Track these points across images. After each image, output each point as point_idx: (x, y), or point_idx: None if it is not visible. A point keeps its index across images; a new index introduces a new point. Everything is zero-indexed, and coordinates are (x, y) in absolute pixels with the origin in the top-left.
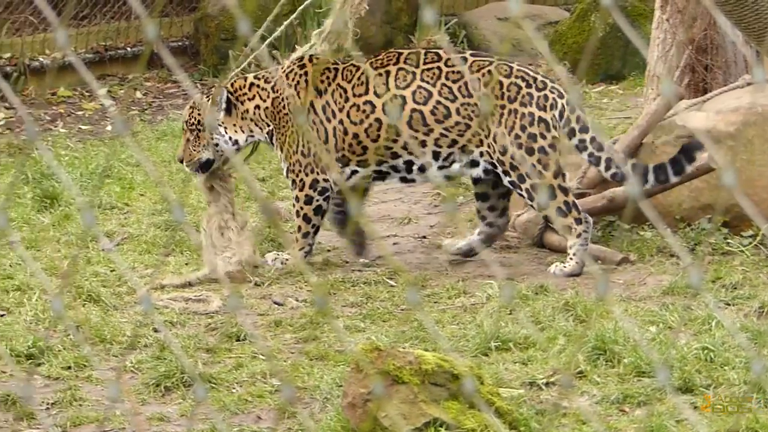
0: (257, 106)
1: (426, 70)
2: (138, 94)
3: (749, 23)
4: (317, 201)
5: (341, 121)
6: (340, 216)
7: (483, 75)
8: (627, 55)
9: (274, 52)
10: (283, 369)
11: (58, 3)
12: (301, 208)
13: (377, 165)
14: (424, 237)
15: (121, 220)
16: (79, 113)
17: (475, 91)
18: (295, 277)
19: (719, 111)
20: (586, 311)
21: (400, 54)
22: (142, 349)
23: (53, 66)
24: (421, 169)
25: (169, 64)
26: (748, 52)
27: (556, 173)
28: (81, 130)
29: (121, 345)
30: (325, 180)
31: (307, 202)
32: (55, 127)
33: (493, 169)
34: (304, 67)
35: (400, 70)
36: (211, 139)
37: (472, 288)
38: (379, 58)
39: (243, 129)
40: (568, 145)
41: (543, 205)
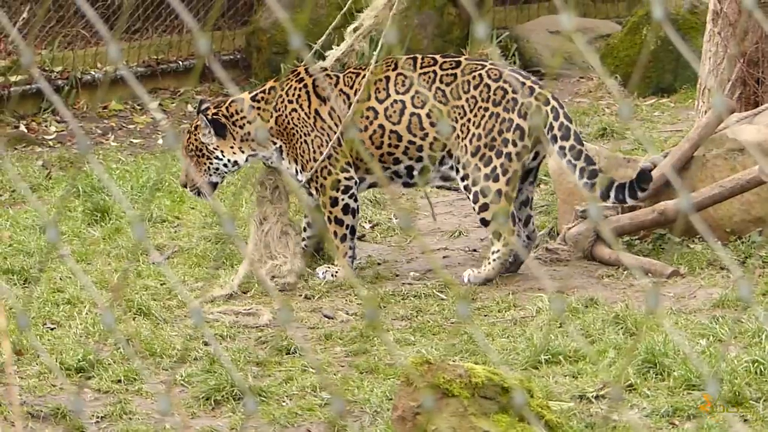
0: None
1: (422, 74)
2: (189, 108)
3: None
4: (343, 200)
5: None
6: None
7: (474, 78)
8: (678, 69)
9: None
10: (333, 382)
11: (110, 17)
12: (330, 212)
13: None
14: (475, 250)
15: (172, 233)
16: (131, 127)
17: (465, 93)
18: (346, 290)
19: None
20: (636, 324)
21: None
22: (193, 363)
23: (105, 79)
24: (422, 172)
25: (221, 78)
26: None
27: (509, 180)
28: (132, 143)
29: (171, 358)
30: (347, 178)
31: (333, 204)
32: (107, 140)
33: (455, 167)
34: (302, 81)
35: (399, 75)
36: (211, 164)
37: (522, 301)
38: (379, 64)
39: (243, 149)
40: (549, 150)
41: (487, 207)
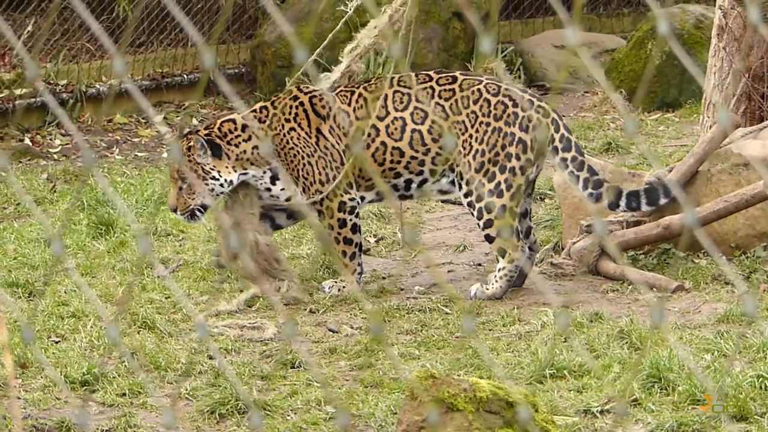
0: (255, 147)
1: (420, 90)
2: (194, 121)
3: None
4: (351, 220)
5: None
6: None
7: (473, 93)
8: (683, 83)
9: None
10: (337, 396)
11: (115, 30)
12: (339, 233)
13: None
14: (480, 264)
15: (177, 247)
16: (135, 140)
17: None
18: (350, 304)
19: None
20: (641, 339)
21: (393, 78)
22: (197, 376)
23: (110, 93)
24: (420, 185)
25: (226, 92)
26: None
27: (513, 195)
28: (137, 156)
29: (176, 372)
30: (351, 198)
31: (341, 225)
32: (111, 153)
33: (459, 182)
34: (297, 99)
35: (397, 92)
36: (207, 185)
37: (526, 315)
38: (371, 83)
39: (236, 168)
40: (551, 162)
41: (492, 223)
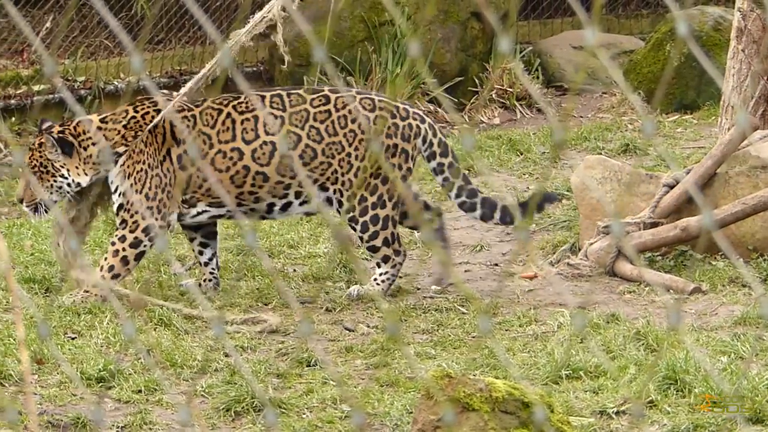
0: (101, 151)
1: (294, 113)
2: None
3: None
4: (143, 247)
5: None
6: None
7: (349, 112)
8: (702, 85)
9: (350, 78)
10: (353, 395)
11: (134, 27)
12: (124, 250)
13: (238, 206)
14: (496, 264)
15: None
16: None
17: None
18: (366, 303)
19: None
20: (658, 340)
21: (263, 97)
22: (213, 374)
23: (128, 90)
24: (283, 208)
25: (244, 90)
26: None
27: (395, 204)
28: None
29: (191, 369)
30: (161, 226)
31: (132, 246)
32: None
33: (339, 199)
34: (156, 105)
35: (270, 114)
36: (55, 182)
37: (543, 316)
38: (241, 101)
39: (86, 172)
40: (427, 167)
41: (378, 235)
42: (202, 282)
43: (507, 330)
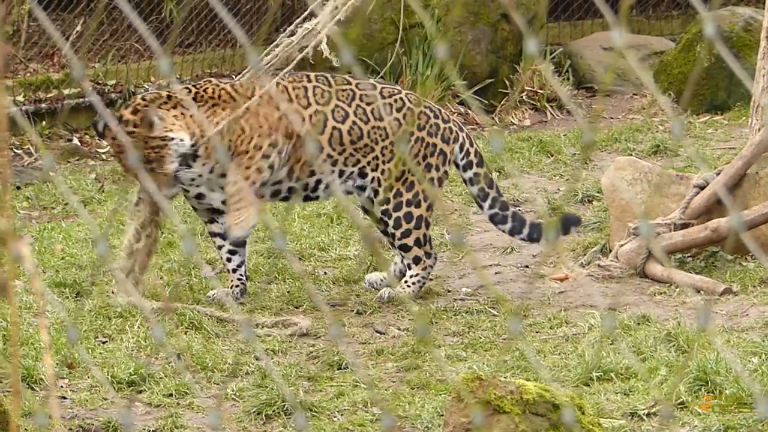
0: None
1: (340, 90)
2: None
3: None
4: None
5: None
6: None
7: (396, 101)
8: (732, 86)
9: (380, 79)
10: (384, 398)
11: (164, 31)
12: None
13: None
14: (527, 266)
15: None
16: None
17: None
18: (397, 305)
19: None
20: (688, 342)
21: (308, 75)
22: (244, 377)
23: None
24: (327, 186)
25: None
26: None
27: (429, 206)
28: None
29: (222, 372)
30: None
31: None
32: None
33: (375, 188)
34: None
35: (317, 87)
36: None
37: (573, 318)
38: (289, 78)
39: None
40: (462, 177)
41: (410, 233)
42: (229, 289)
43: (538, 332)
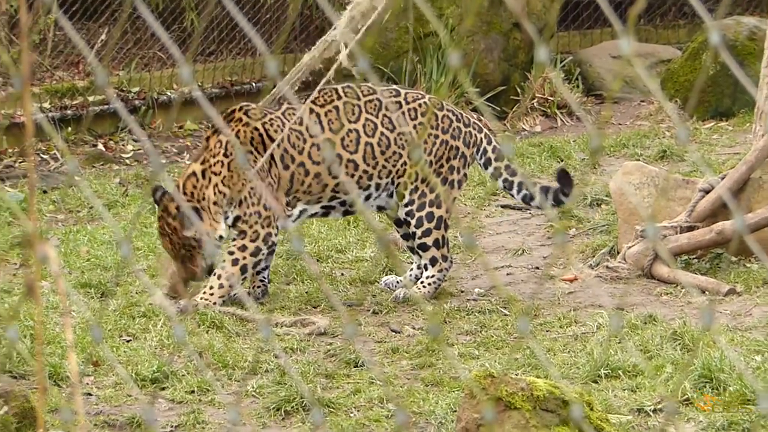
0: (216, 186)
1: (368, 102)
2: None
3: None
4: (262, 255)
5: (302, 164)
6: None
7: (420, 106)
8: (737, 93)
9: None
10: (399, 394)
11: (186, 39)
12: (244, 259)
13: (329, 201)
14: (537, 268)
15: None
16: None
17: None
18: (412, 305)
19: None
20: (693, 340)
21: (336, 89)
22: (263, 375)
23: (179, 100)
24: (365, 199)
25: (290, 99)
26: None
27: (448, 209)
28: None
29: (243, 370)
30: (274, 234)
31: (253, 254)
32: (182, 159)
33: (401, 196)
34: (248, 124)
35: (347, 103)
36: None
37: (582, 317)
38: (317, 97)
39: (217, 219)
40: (484, 174)
41: (430, 233)
42: (251, 290)
43: (548, 331)
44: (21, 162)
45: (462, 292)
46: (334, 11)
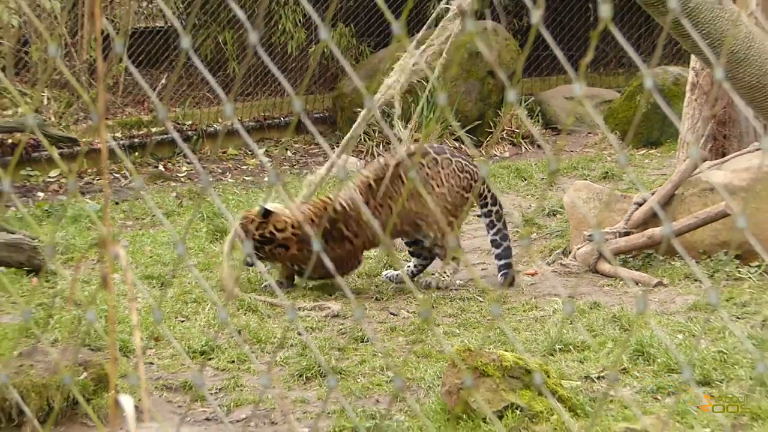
0: None
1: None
2: (288, 153)
3: (759, 103)
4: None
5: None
6: None
7: (452, 171)
8: (664, 127)
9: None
10: (396, 364)
11: (229, 83)
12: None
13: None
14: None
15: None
16: (244, 167)
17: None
18: (407, 293)
19: (734, 170)
20: (629, 322)
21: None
22: (289, 348)
23: (223, 131)
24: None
25: (312, 131)
26: (757, 125)
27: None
28: (245, 180)
29: (272, 344)
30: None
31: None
32: (225, 178)
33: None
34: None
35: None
36: None
37: (542, 304)
38: (427, 159)
39: None
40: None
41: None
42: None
43: (514, 314)
44: (98, 179)
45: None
46: (345, 60)
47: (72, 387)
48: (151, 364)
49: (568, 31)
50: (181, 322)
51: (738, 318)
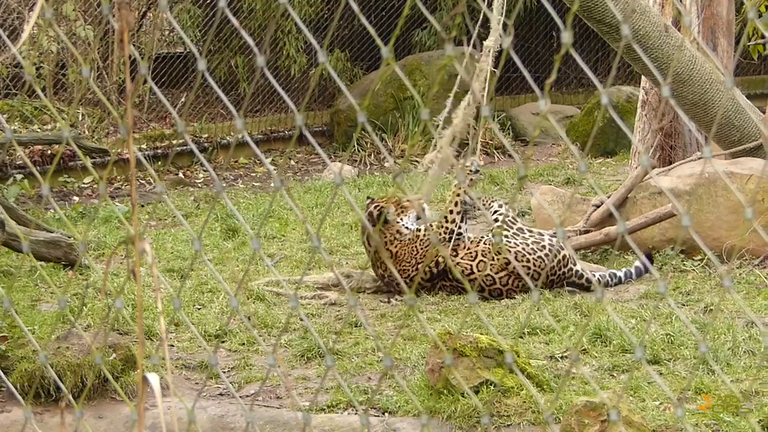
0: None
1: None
2: (292, 162)
3: (700, 118)
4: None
5: None
6: None
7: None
8: (618, 139)
9: (383, 135)
10: (385, 346)
11: (240, 101)
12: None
13: None
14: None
15: (279, 246)
16: (253, 175)
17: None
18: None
19: (680, 176)
20: (589, 309)
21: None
22: (292, 332)
23: (235, 143)
24: None
25: (312, 143)
26: (699, 136)
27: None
28: (254, 186)
29: (278, 329)
30: None
31: None
32: (236, 184)
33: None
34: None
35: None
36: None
37: (512, 293)
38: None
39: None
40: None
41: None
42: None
43: (488, 302)
44: (126, 185)
45: None
46: (341, 81)
47: (102, 366)
48: (172, 346)
49: (534, 55)
50: (198, 309)
51: (683, 305)
